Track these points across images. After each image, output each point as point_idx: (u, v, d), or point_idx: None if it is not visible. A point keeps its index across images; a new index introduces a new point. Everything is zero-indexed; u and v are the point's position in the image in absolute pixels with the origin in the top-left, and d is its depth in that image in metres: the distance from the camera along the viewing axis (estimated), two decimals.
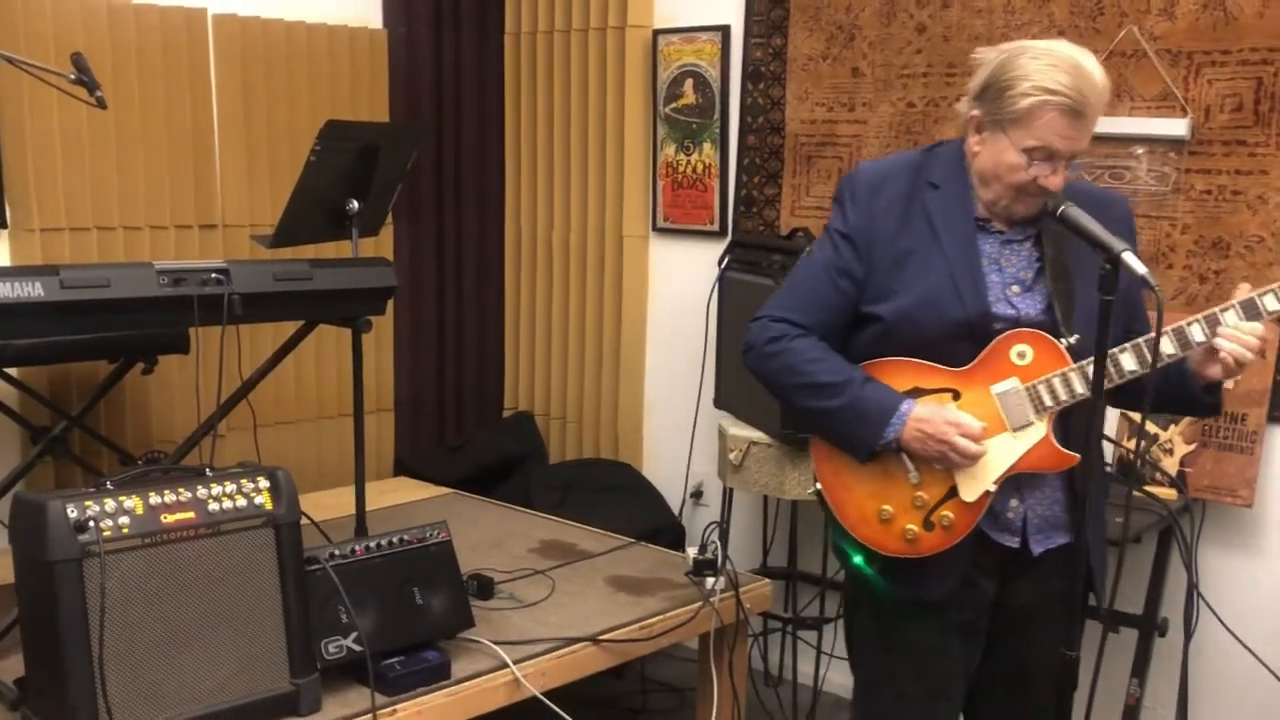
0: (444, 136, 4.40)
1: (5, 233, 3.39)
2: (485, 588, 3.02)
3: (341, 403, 4.13)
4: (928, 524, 2.13)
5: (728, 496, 3.77)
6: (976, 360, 2.11)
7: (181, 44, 3.64)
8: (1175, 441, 3.07)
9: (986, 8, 3.37)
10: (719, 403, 3.79)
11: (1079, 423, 2.11)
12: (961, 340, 2.10)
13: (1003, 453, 2.09)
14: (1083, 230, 1.93)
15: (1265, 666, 2.97)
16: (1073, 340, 2.07)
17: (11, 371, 3.07)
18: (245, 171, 3.84)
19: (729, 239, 3.93)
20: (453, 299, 4.54)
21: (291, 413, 4.06)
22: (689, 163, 4.08)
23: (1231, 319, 2.01)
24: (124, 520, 2.17)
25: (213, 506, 2.29)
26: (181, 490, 2.27)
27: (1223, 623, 2.99)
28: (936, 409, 2.09)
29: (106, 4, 3.46)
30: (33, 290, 2.40)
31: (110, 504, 2.17)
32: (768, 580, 3.25)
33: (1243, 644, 2.98)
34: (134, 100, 3.54)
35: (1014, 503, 2.14)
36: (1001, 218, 2.13)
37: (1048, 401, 2.08)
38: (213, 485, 2.31)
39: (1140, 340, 2.04)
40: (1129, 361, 2.04)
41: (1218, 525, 3.08)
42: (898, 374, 2.14)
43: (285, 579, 2.36)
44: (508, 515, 3.81)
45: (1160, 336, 1.93)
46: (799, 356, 2.16)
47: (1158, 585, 3.03)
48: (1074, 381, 2.06)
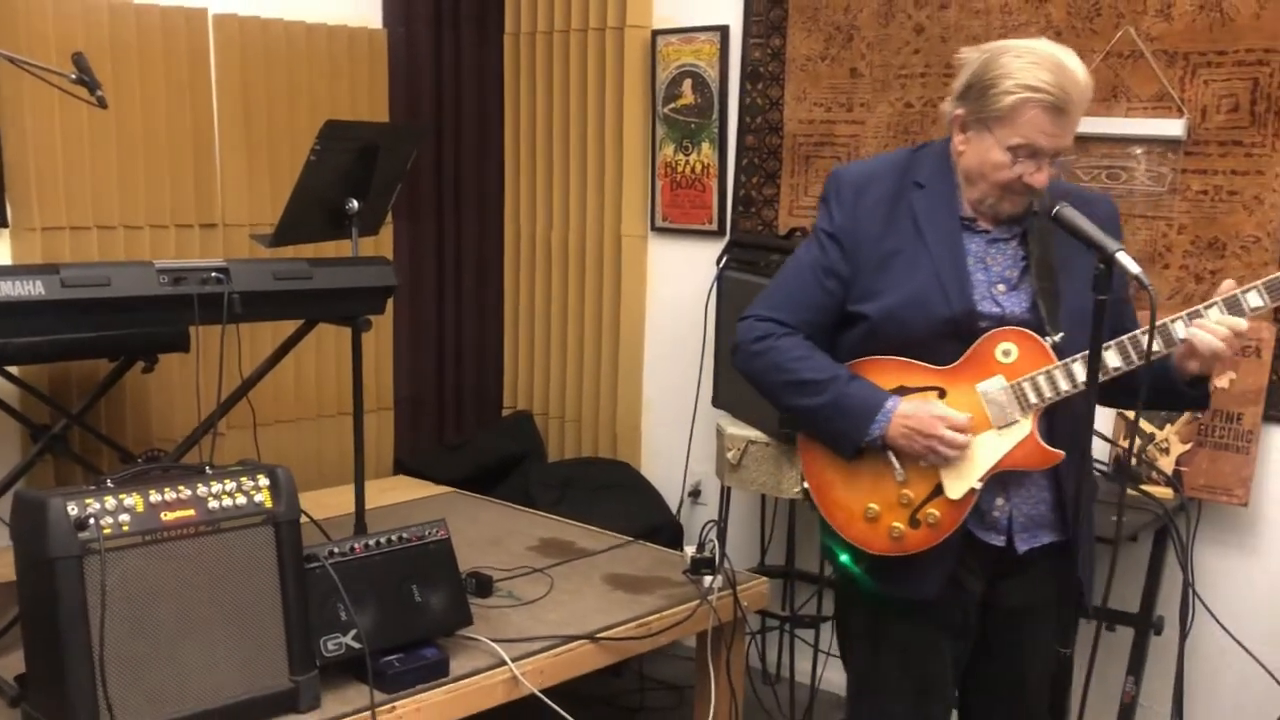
0: (443, 136, 4.41)
1: (6, 231, 3.40)
2: (484, 586, 3.03)
3: (341, 401, 4.14)
4: (914, 522, 2.14)
5: (725, 495, 3.78)
6: (962, 358, 2.12)
7: (182, 44, 3.65)
8: (1171, 441, 3.08)
9: (984, 9, 3.38)
10: (717, 402, 3.80)
11: (1064, 421, 2.12)
12: (947, 339, 2.11)
13: (988, 450, 2.10)
14: (1077, 230, 1.94)
15: (1260, 665, 2.98)
16: (1057, 338, 2.08)
17: (12, 369, 3.08)
18: (245, 171, 3.85)
19: (727, 238, 3.95)
20: (452, 298, 4.55)
21: (291, 411, 4.07)
22: (688, 162, 4.09)
23: (1215, 315, 2.02)
24: (124, 518, 2.18)
25: (213, 504, 2.29)
26: (181, 488, 2.28)
27: (1218, 621, 3.01)
28: (922, 404, 2.10)
29: (107, 4, 3.47)
30: (33, 289, 2.41)
31: (110, 501, 2.18)
32: (765, 579, 3.25)
33: (1238, 642, 2.99)
34: (135, 100, 3.55)
35: (999, 501, 2.15)
36: (987, 216, 2.14)
37: (1032, 399, 2.09)
38: (213, 483, 2.32)
39: (1124, 338, 2.05)
40: (1113, 359, 2.05)
41: (1213, 524, 3.09)
42: (883, 372, 2.15)
43: (285, 576, 2.36)
44: (506, 514, 3.81)
45: (1154, 334, 1.94)
46: (785, 355, 2.18)
47: (1153, 584, 3.04)
48: (1058, 379, 2.07)
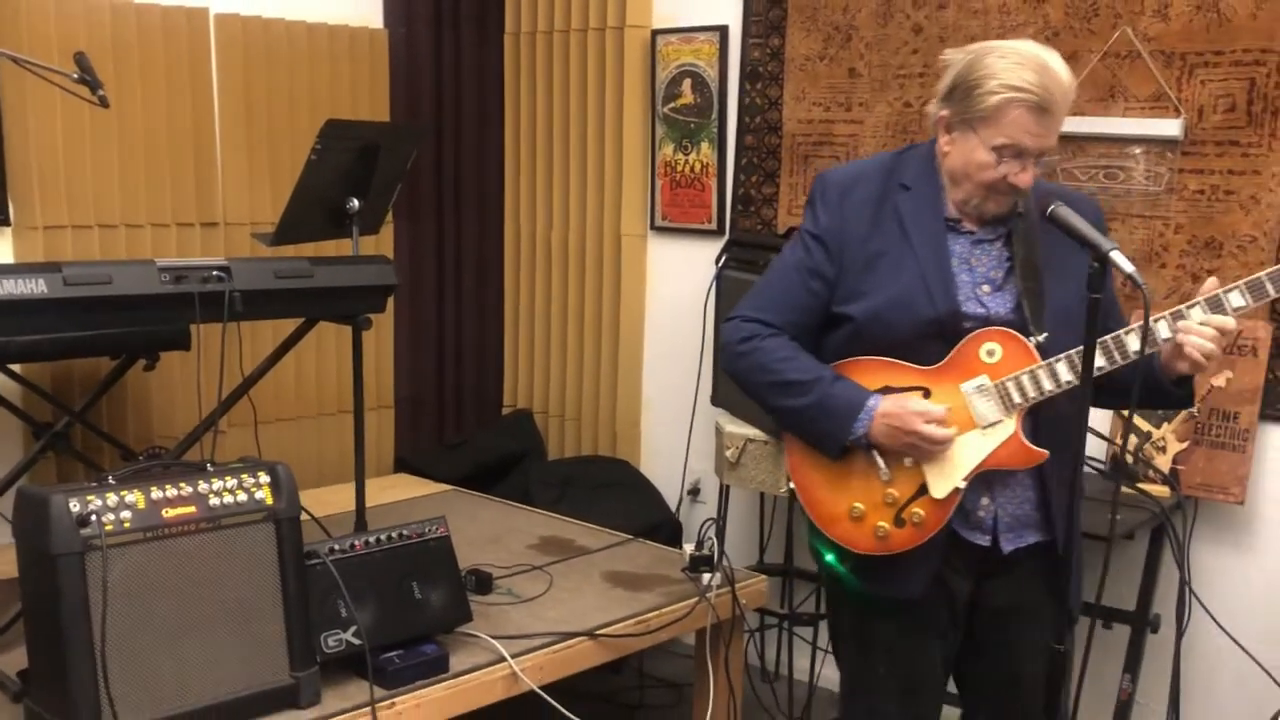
0: (444, 136, 4.42)
1: (9, 230, 3.41)
2: (484, 583, 3.04)
3: (342, 400, 4.16)
4: (898, 521, 2.15)
5: (724, 493, 3.79)
6: (946, 359, 2.13)
7: (183, 43, 3.67)
8: (1168, 439, 3.09)
9: (982, 9, 3.39)
10: (716, 400, 3.81)
11: (1049, 420, 2.13)
12: (932, 339, 2.12)
13: (972, 449, 2.11)
14: (1071, 229, 1.96)
15: (1256, 662, 2.99)
16: (1041, 338, 2.09)
17: (15, 367, 3.10)
18: (246, 170, 3.86)
19: (726, 238, 3.96)
20: (452, 297, 4.56)
21: (292, 409, 4.08)
22: (687, 162, 4.10)
23: (1197, 315, 2.03)
24: (126, 514, 2.19)
25: (213, 501, 2.30)
26: (183, 485, 2.29)
27: (1214, 619, 3.02)
28: (901, 400, 2.11)
29: (109, 4, 3.48)
30: (36, 287, 2.42)
31: (112, 498, 2.19)
32: (764, 576, 3.26)
33: (1234, 640, 3.00)
34: (136, 99, 3.56)
35: (984, 501, 2.16)
36: (973, 217, 2.15)
37: (1016, 399, 2.10)
38: (213, 480, 2.33)
39: (1108, 338, 2.05)
40: (1098, 358, 2.05)
41: (1210, 522, 3.10)
42: (869, 373, 2.16)
43: (285, 573, 2.38)
44: (506, 511, 3.83)
45: (1147, 332, 1.95)
46: (770, 355, 2.19)
47: (1150, 582, 3.05)
48: (1042, 379, 2.08)
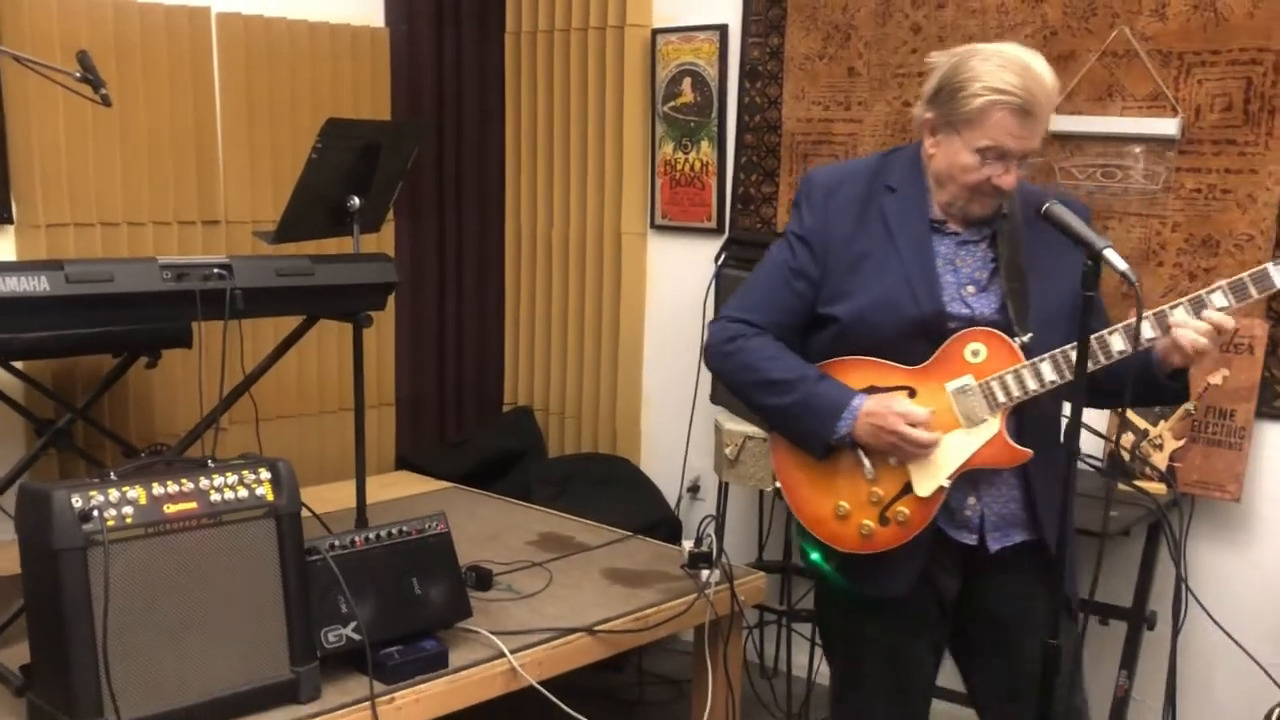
0: (445, 134, 4.44)
1: (11, 229, 3.42)
2: (483, 579, 3.05)
3: (343, 397, 4.17)
4: (883, 519, 2.16)
5: (723, 490, 3.80)
6: (931, 358, 2.14)
7: (185, 42, 3.68)
8: (1165, 437, 3.11)
9: (980, 8, 3.40)
10: (715, 398, 3.83)
11: (1034, 420, 2.15)
12: (917, 339, 2.13)
13: (956, 449, 2.13)
14: (1066, 227, 1.97)
15: (1252, 659, 2.99)
16: (1026, 339, 2.10)
17: (17, 364, 3.11)
18: (248, 168, 3.87)
19: (726, 236, 3.98)
20: (453, 296, 4.57)
21: (293, 407, 4.09)
22: (687, 160, 4.11)
23: (1180, 315, 2.04)
24: (127, 510, 2.20)
25: (214, 497, 2.32)
26: (184, 481, 2.30)
27: (1210, 616, 3.03)
28: (884, 400, 2.13)
29: (111, 2, 3.50)
30: (38, 284, 2.42)
31: (114, 494, 2.20)
32: (762, 573, 3.27)
33: (1230, 637, 3.01)
34: (138, 98, 3.58)
35: (971, 500, 2.17)
36: (958, 218, 2.17)
37: (1000, 398, 2.11)
38: (215, 476, 2.34)
39: (1091, 338, 2.03)
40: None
41: (1206, 520, 3.12)
42: (854, 372, 2.17)
43: (286, 569, 2.39)
44: (506, 509, 3.84)
45: (1140, 328, 1.97)
46: (755, 355, 2.20)
47: (1146, 579, 3.06)
48: (1026, 378, 2.10)
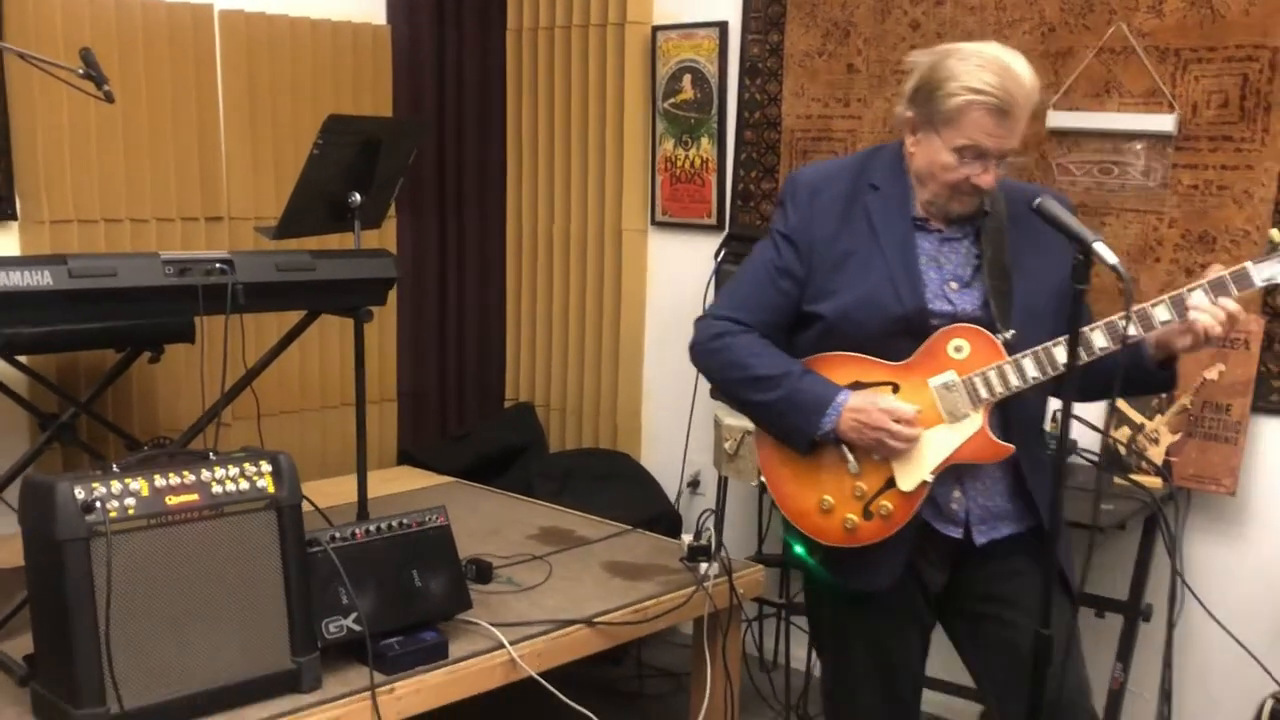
0: (446, 131, 4.46)
1: (15, 225, 3.45)
2: (484, 572, 3.07)
3: (345, 393, 4.19)
4: (867, 514, 2.18)
5: (723, 485, 3.82)
6: (915, 355, 2.16)
7: (188, 39, 3.70)
8: (1161, 431, 3.12)
9: (979, 5, 3.41)
10: (715, 393, 3.82)
11: (1019, 416, 2.16)
12: (900, 336, 2.15)
13: (939, 444, 2.14)
14: (1057, 221, 1.99)
15: (1247, 651, 3.01)
16: (1009, 335, 2.12)
17: (21, 359, 3.13)
18: (250, 165, 3.89)
19: (726, 232, 3.99)
20: (454, 292, 4.59)
21: (296, 402, 4.11)
22: (687, 157, 4.13)
23: (1161, 314, 2.05)
24: (130, 501, 2.22)
25: (216, 489, 2.34)
26: (186, 473, 2.32)
27: (1205, 609, 3.04)
28: (870, 397, 2.14)
29: (114, 0, 3.52)
30: (42, 279, 2.44)
31: (117, 486, 2.22)
32: (760, 566, 3.29)
33: (1225, 629, 3.02)
34: (141, 95, 3.60)
35: (956, 494, 2.19)
36: (939, 216, 2.19)
37: (983, 394, 2.13)
38: (216, 468, 2.36)
39: (1085, 329, 2.06)
40: (1061, 354, 2.07)
41: (1202, 513, 3.13)
42: (839, 368, 2.19)
43: (287, 560, 2.41)
44: (507, 503, 3.86)
45: (1130, 322, 1.99)
46: (740, 352, 2.22)
47: (1142, 572, 3.07)
48: (1009, 374, 2.11)
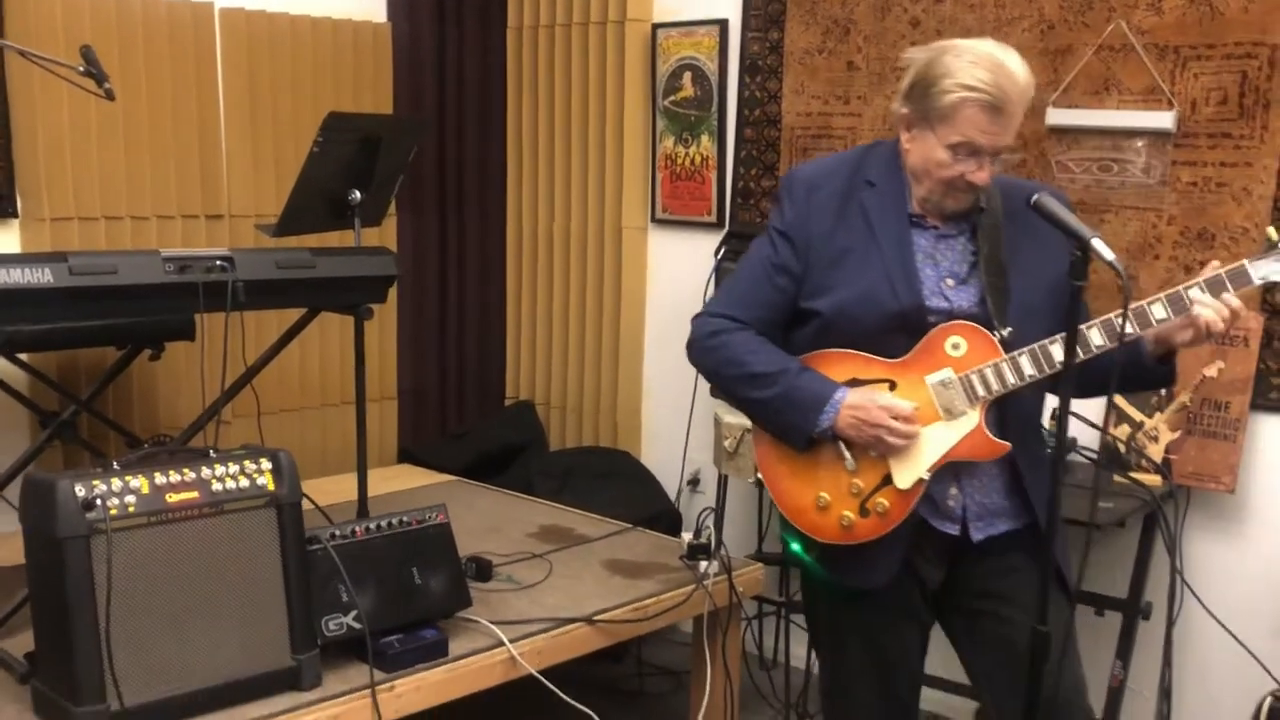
0: (446, 129, 4.46)
1: (16, 222, 3.45)
2: (484, 570, 3.07)
3: (345, 391, 4.19)
4: (863, 511, 2.18)
5: (723, 483, 3.82)
6: (912, 352, 2.16)
7: (188, 37, 3.70)
8: (1160, 429, 3.12)
9: (978, 2, 3.41)
10: (715, 392, 3.82)
11: (1016, 413, 2.17)
12: (897, 333, 2.15)
13: (936, 441, 2.14)
14: (1055, 218, 1.99)
15: (1246, 650, 3.01)
16: (1005, 333, 2.12)
17: (22, 356, 3.14)
18: (251, 163, 3.90)
19: (726, 230, 3.99)
20: (455, 290, 4.60)
21: (296, 401, 4.12)
22: (687, 155, 4.13)
23: (1159, 311, 2.07)
24: (130, 499, 2.23)
25: (216, 486, 2.34)
26: (186, 470, 2.32)
27: (1205, 606, 3.05)
28: (869, 394, 2.14)
29: None
30: (42, 276, 2.44)
31: (117, 483, 2.23)
32: (759, 564, 3.30)
33: (1224, 627, 3.03)
34: (141, 92, 3.60)
35: (953, 491, 2.19)
36: (935, 213, 2.19)
37: (980, 391, 2.13)
38: (216, 466, 2.36)
39: (1082, 327, 2.07)
40: (1058, 352, 2.08)
41: (1201, 511, 3.13)
42: (836, 365, 2.19)
43: (287, 557, 2.41)
44: (507, 501, 3.86)
45: (1125, 318, 1.99)
46: (737, 349, 2.22)
47: (1142, 569, 3.07)
48: (1006, 372, 2.11)
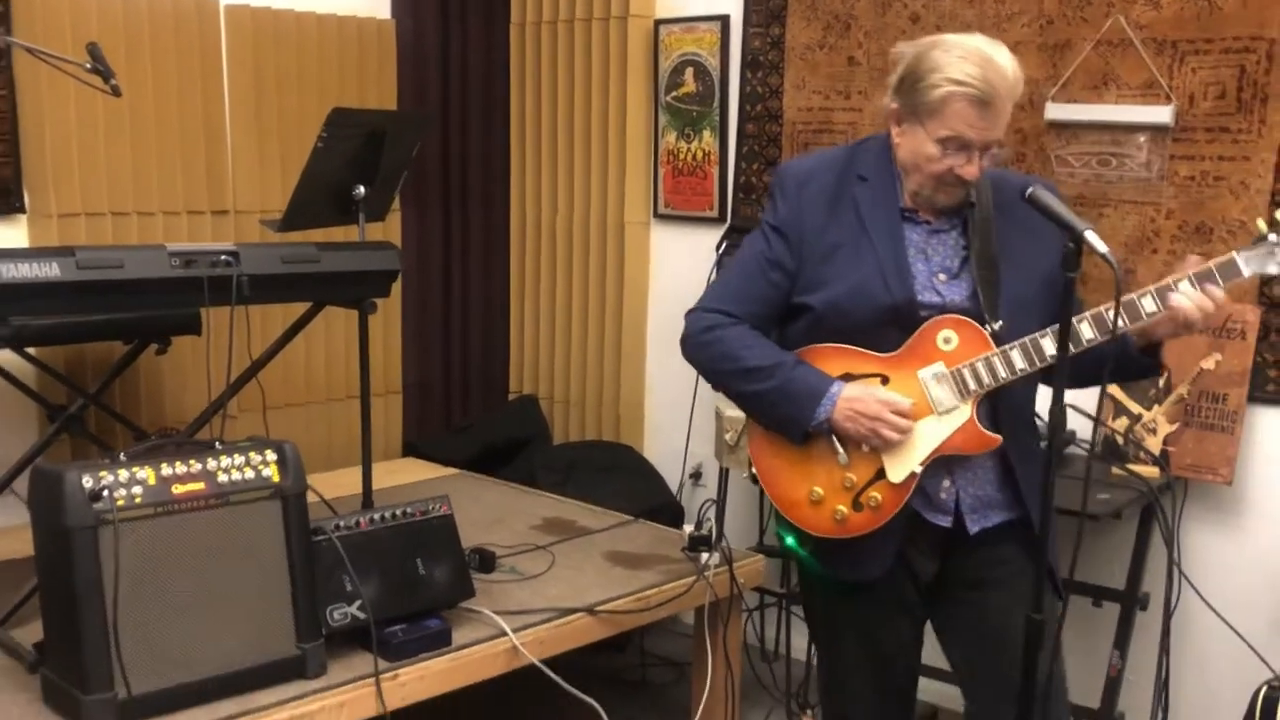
0: (450, 125, 4.48)
1: (24, 218, 3.48)
2: (487, 561, 3.10)
3: (350, 385, 4.21)
4: (856, 505, 2.20)
5: (724, 476, 3.85)
6: (904, 346, 2.17)
7: (194, 33, 3.73)
8: (1158, 421, 3.14)
9: None
10: None
11: (1008, 406, 2.19)
12: (889, 327, 2.17)
13: (928, 435, 2.16)
14: (1048, 210, 2.01)
15: (1243, 640, 3.03)
16: (997, 326, 2.13)
17: (31, 351, 3.17)
18: (256, 158, 3.92)
19: (728, 225, 4.02)
20: (459, 284, 4.62)
21: (301, 395, 4.15)
22: (689, 150, 4.15)
23: (1149, 304, 2.10)
24: (137, 490, 2.25)
25: (222, 478, 2.37)
26: (192, 462, 2.35)
27: (1202, 597, 3.06)
28: (867, 388, 2.16)
29: None
30: (49, 270, 2.47)
31: (124, 474, 2.25)
32: (760, 556, 3.32)
33: (1221, 618, 3.04)
34: (148, 89, 3.63)
35: (945, 483, 2.21)
36: (925, 208, 2.20)
37: (972, 385, 2.14)
38: (222, 457, 2.39)
39: (1054, 328, 2.07)
40: (1049, 346, 2.10)
41: (1199, 503, 3.15)
42: (829, 360, 2.21)
43: (292, 548, 2.44)
44: (510, 493, 3.89)
45: (1118, 312, 2.01)
46: (732, 344, 2.23)
47: (1140, 561, 3.09)
48: (997, 366, 2.13)
